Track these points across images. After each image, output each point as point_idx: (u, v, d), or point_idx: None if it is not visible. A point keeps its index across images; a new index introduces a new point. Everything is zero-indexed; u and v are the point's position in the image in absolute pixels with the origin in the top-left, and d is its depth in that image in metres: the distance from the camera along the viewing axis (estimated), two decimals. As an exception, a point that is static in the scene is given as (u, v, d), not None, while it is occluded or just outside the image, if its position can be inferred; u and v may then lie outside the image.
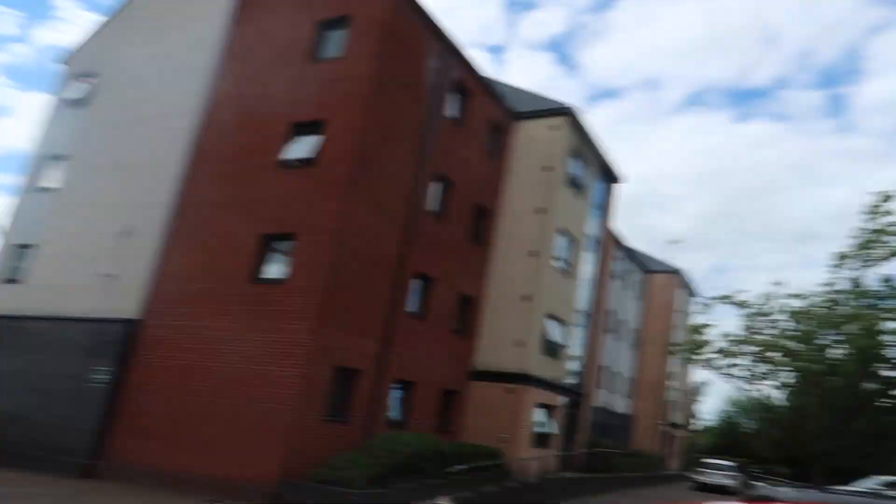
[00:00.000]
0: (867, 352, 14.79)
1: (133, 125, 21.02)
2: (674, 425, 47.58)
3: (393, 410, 19.59)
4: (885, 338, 15.26)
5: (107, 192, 20.51)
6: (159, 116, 20.55)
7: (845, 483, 32.16)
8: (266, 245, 17.73)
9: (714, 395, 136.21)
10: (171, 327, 17.87)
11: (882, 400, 16.42)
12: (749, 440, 66.92)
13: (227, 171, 18.77)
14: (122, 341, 18.14)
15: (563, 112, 24.91)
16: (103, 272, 19.27)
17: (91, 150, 21.83)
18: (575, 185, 26.28)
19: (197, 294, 17.83)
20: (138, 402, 17.64)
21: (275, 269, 17.54)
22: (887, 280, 17.05)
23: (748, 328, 18.44)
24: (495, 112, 24.15)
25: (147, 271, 18.79)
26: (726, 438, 66.90)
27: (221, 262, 17.79)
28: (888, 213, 16.54)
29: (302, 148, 17.94)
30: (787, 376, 17.97)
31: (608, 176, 30.41)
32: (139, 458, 17.02)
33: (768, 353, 17.36)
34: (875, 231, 16.55)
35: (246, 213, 17.93)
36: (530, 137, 25.13)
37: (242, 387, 16.28)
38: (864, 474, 36.82)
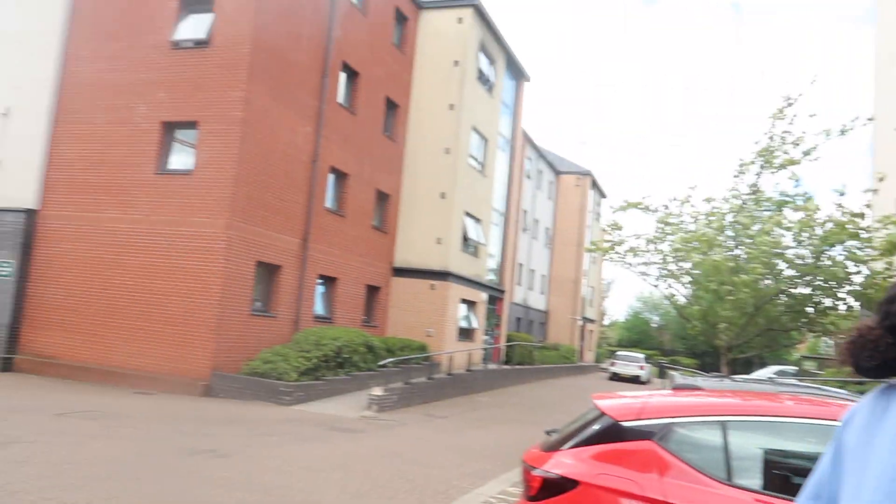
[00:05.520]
0: (769, 251, 15.45)
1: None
2: (587, 320, 49.84)
3: (318, 305, 19.60)
4: (784, 240, 15.87)
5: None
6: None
7: (746, 372, 34.83)
8: (169, 133, 16.80)
9: (623, 291, 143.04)
10: (73, 219, 16.98)
11: (779, 298, 17.39)
12: (656, 334, 71.30)
13: (114, 49, 17.33)
14: (21, 233, 17.18)
15: (469, 3, 24.41)
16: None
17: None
18: (485, 81, 26.11)
19: (98, 184, 16.86)
20: (49, 295, 16.97)
21: (181, 160, 16.72)
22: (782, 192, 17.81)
23: (658, 230, 18.94)
24: (398, -1, 23.35)
25: (40, 158, 17.50)
26: (634, 332, 70.89)
27: (121, 151, 16.77)
28: (790, 118, 16.40)
29: (194, 27, 16.79)
30: (696, 275, 18.69)
31: (517, 73, 30.35)
32: (60, 352, 16.58)
33: (678, 253, 17.93)
34: (773, 138, 16.69)
35: (142, 97, 16.78)
36: (436, 30, 24.56)
37: (162, 281, 15.80)
38: (761, 365, 40.16)
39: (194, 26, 16.81)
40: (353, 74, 20.88)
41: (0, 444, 8.46)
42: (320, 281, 19.66)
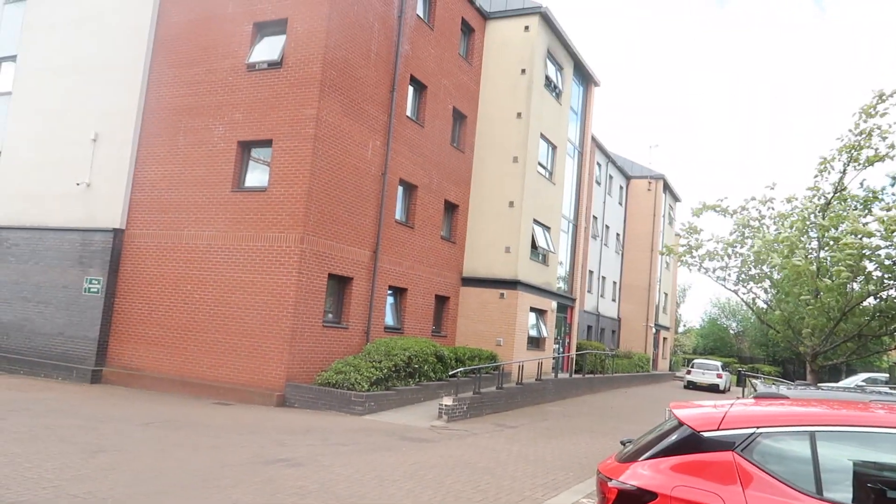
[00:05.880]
0: (857, 253, 14.70)
1: (83, 22, 19.84)
2: (661, 327, 48.68)
3: (388, 316, 19.80)
4: (872, 241, 15.07)
5: (68, 96, 19.59)
6: (112, 13, 19.44)
7: (834, 380, 33.21)
8: (245, 152, 17.41)
9: (698, 297, 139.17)
10: (156, 237, 17.78)
11: (868, 302, 16.57)
12: (734, 341, 69.00)
13: (193, 74, 18.13)
14: (109, 251, 18.11)
15: (535, 11, 24.33)
16: (78, 181, 18.86)
17: (39, 50, 20.47)
18: (553, 88, 25.93)
19: (178, 203, 17.62)
20: (135, 310, 17.79)
21: (256, 177, 17.30)
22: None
23: (737, 232, 18.36)
24: (465, 10, 23.51)
25: (126, 179, 18.42)
26: (711, 339, 68.79)
27: (200, 171, 17.49)
28: (882, 113, 15.63)
29: (268, 49, 17.37)
30: (778, 280, 18.01)
31: (585, 78, 30.02)
32: (144, 364, 17.36)
33: (760, 256, 17.32)
34: (862, 133, 15.98)
35: (219, 119, 17.46)
36: (503, 39, 24.57)
37: (239, 294, 16.33)
38: (849, 372, 38.23)
39: (268, 48, 17.35)
40: (420, 87, 21.10)
41: (89, 453, 8.86)
42: (390, 292, 19.87)
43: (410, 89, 20.62)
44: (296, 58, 16.80)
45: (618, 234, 43.83)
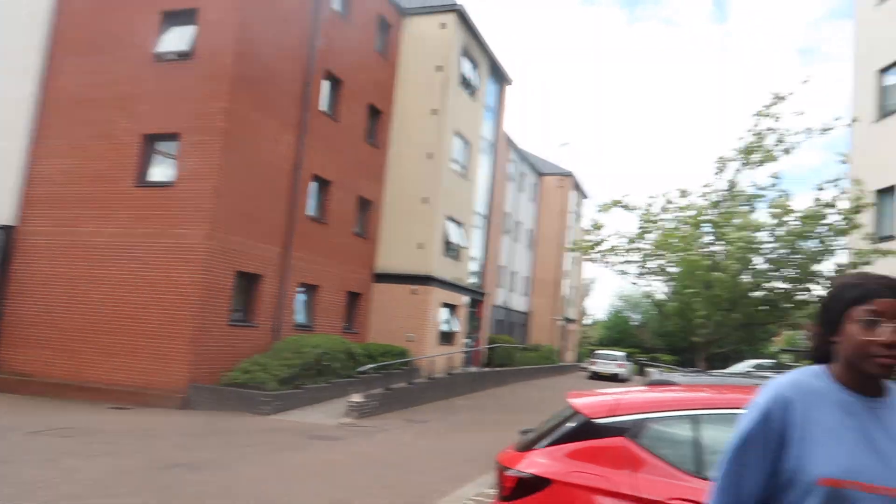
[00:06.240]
0: (746, 247, 15.53)
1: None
2: (568, 320, 49.99)
3: (299, 314, 19.50)
4: (758, 234, 15.96)
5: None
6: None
7: (724, 367, 35.06)
8: (150, 146, 16.73)
9: (604, 290, 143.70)
10: (51, 234, 16.84)
11: (755, 293, 17.52)
12: (636, 332, 71.65)
13: (96, 64, 17.26)
14: (-3, 249, 16.98)
15: (451, 9, 24.46)
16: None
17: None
18: (467, 86, 26.15)
19: (77, 198, 16.75)
20: (26, 312, 16.77)
21: (162, 172, 16.66)
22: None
23: (639, 227, 19.03)
24: (382, 5, 23.39)
25: (18, 174, 17.37)
26: (615, 331, 71.18)
27: (101, 165, 16.68)
28: (776, 116, 16.76)
29: (177, 39, 16.76)
30: (674, 273, 18.79)
31: (500, 77, 30.43)
32: (36, 369, 16.38)
33: (658, 251, 18.02)
34: (757, 135, 16.85)
35: (123, 111, 16.70)
36: (419, 35, 24.60)
37: (140, 294, 15.68)
38: (737, 359, 40.44)
39: (178, 39, 16.71)
40: (336, 82, 20.84)
41: (-28, 460, 8.31)
42: (301, 289, 19.56)
43: (325, 84, 20.34)
44: (206, 49, 16.27)
45: (529, 230, 44.72)
